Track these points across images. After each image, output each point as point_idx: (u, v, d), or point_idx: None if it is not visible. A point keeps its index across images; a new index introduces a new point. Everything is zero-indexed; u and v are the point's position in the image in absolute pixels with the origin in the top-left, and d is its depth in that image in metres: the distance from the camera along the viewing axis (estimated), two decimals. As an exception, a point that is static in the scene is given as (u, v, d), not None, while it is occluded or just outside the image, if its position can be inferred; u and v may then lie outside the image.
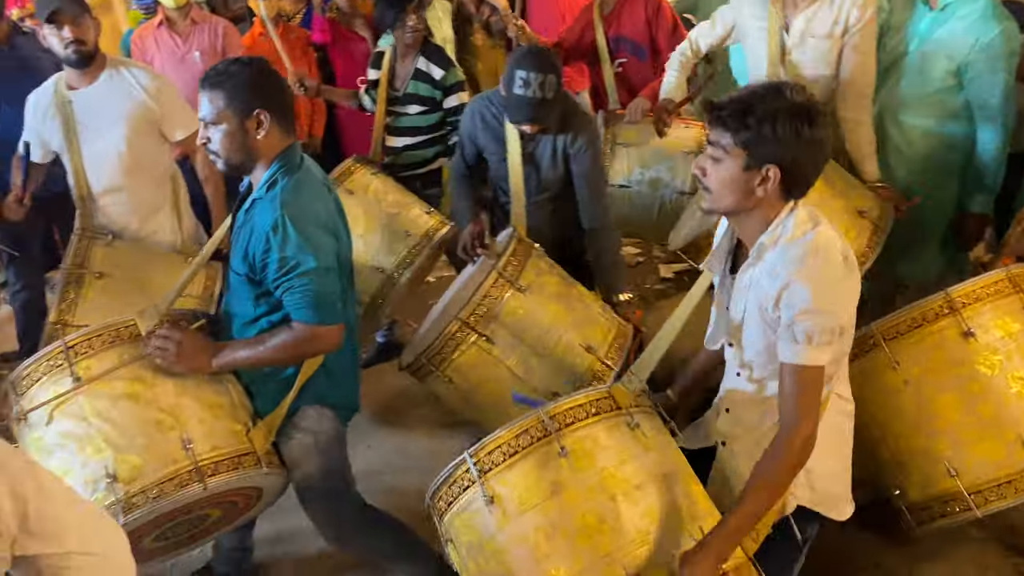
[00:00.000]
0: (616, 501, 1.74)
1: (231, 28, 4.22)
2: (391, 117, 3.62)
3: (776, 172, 1.66)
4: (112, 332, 2.13)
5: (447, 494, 1.87)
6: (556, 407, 1.84)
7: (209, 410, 2.10)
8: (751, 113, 1.64)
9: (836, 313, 1.69)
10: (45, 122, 3.02)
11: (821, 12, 2.84)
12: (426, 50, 3.58)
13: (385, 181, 3.32)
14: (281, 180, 2.07)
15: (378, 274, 3.13)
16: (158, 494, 1.95)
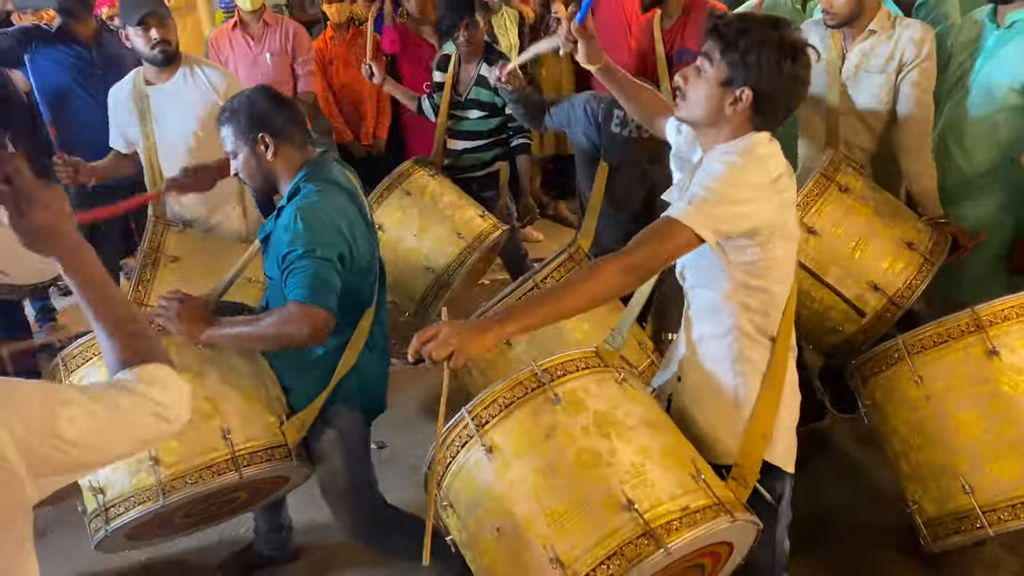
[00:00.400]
0: (610, 439, 1.77)
1: (301, 30, 4.39)
2: (452, 120, 3.71)
3: (749, 95, 1.72)
4: None
5: (445, 456, 1.90)
6: (548, 361, 1.89)
7: (247, 403, 2.20)
8: (744, 35, 1.71)
9: (731, 196, 1.70)
10: (124, 114, 3.19)
11: (877, 47, 2.82)
12: (489, 57, 3.65)
13: (442, 183, 3.40)
14: (303, 187, 2.19)
15: (429, 274, 3.21)
16: (196, 480, 2.06)
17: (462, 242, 3.23)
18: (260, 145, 2.19)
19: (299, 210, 2.12)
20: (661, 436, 1.83)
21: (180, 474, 2.06)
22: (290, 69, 4.34)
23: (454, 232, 3.22)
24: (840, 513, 2.84)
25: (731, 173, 1.71)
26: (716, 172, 1.72)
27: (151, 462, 2.05)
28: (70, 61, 3.80)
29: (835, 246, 2.53)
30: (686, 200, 1.70)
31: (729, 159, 1.73)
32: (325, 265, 2.11)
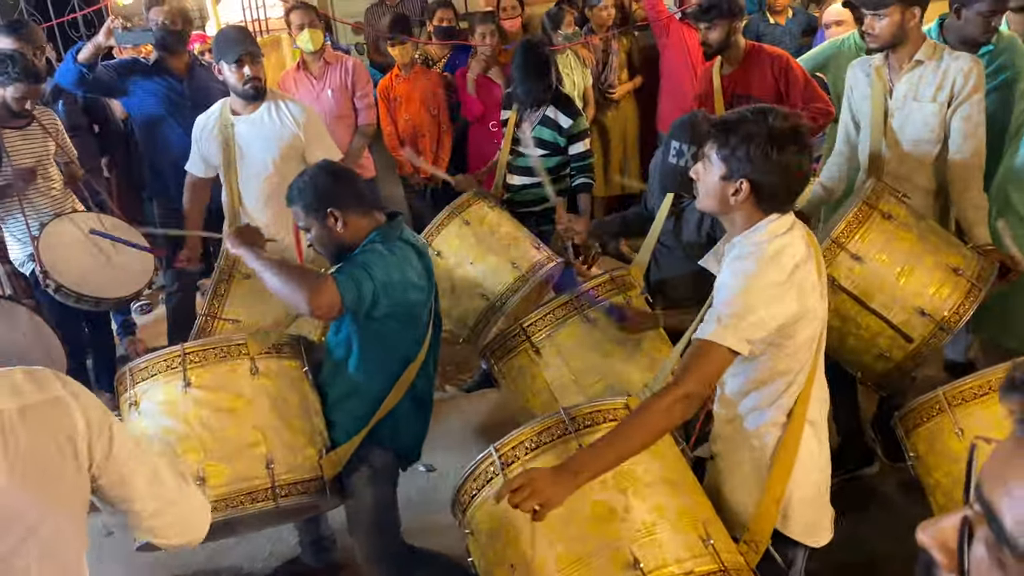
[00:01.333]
0: (626, 494, 1.82)
1: (359, 65, 4.62)
2: (513, 156, 3.83)
3: (747, 186, 1.85)
4: (225, 348, 2.36)
5: (472, 488, 1.99)
6: (578, 409, 1.98)
7: (292, 434, 2.32)
8: (733, 133, 1.85)
9: (753, 306, 1.80)
10: (208, 141, 3.42)
11: (925, 76, 2.87)
12: (556, 98, 3.75)
13: (500, 214, 3.49)
14: (372, 242, 2.35)
15: (483, 300, 3.29)
16: (236, 504, 2.18)
17: (516, 271, 3.29)
18: (330, 219, 2.33)
19: (360, 254, 2.30)
20: (679, 496, 1.87)
21: (222, 496, 2.17)
22: (351, 103, 4.55)
23: (509, 262, 3.30)
24: (889, 564, 2.78)
25: (748, 283, 1.81)
26: (735, 287, 1.83)
27: (199, 481, 2.14)
28: (164, 92, 4.09)
29: (880, 272, 2.53)
30: (715, 320, 1.81)
31: (744, 267, 1.84)
32: (366, 273, 2.24)
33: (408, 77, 4.83)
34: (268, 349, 2.41)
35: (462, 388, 4.15)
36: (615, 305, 2.64)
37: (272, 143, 3.36)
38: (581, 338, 2.64)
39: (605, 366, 2.61)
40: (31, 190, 3.69)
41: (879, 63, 3.03)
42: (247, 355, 2.36)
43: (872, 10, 2.90)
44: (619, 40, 5.12)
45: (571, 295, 2.71)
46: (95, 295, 3.50)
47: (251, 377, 2.32)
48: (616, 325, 2.63)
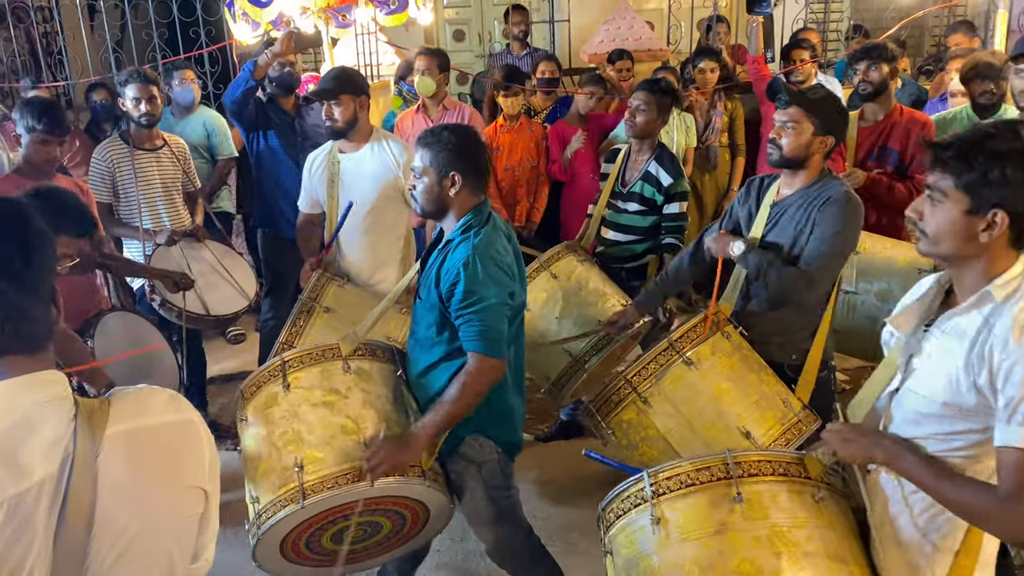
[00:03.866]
0: (780, 558, 1.70)
1: (475, 114, 4.74)
2: (610, 211, 3.83)
3: (1004, 217, 1.53)
4: (319, 352, 2.51)
5: (618, 508, 1.94)
6: (745, 455, 1.85)
7: (387, 424, 2.39)
8: (978, 153, 1.52)
9: None
10: (317, 176, 3.56)
11: None
12: (660, 155, 3.74)
13: (589, 270, 3.49)
14: (475, 227, 2.39)
15: (566, 356, 3.28)
16: (332, 484, 2.23)
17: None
18: (449, 180, 2.39)
19: (476, 249, 2.32)
20: (838, 574, 1.72)
21: (319, 479, 2.24)
22: (461, 151, 4.67)
23: (595, 320, 3.29)
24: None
25: None
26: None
27: (297, 468, 2.25)
28: (280, 128, 4.30)
29: None
30: (1020, 423, 1.50)
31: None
32: (497, 313, 2.31)
33: (513, 128, 4.94)
34: (360, 351, 2.52)
35: (539, 437, 4.14)
36: None
37: (373, 181, 3.47)
38: (687, 383, 2.62)
39: (717, 408, 2.58)
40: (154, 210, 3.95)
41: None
42: (339, 356, 2.48)
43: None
44: (724, 102, 5.12)
45: (669, 340, 2.68)
46: (197, 312, 3.68)
47: (344, 374, 2.45)
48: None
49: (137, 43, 6.27)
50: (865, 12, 8.46)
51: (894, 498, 1.81)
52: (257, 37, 4.87)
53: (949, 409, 1.65)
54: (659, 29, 7.52)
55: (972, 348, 1.59)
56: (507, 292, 2.35)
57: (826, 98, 2.70)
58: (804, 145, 2.67)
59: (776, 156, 2.72)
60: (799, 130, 2.66)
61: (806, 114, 2.65)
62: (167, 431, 1.26)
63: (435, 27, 8.46)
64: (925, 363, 1.71)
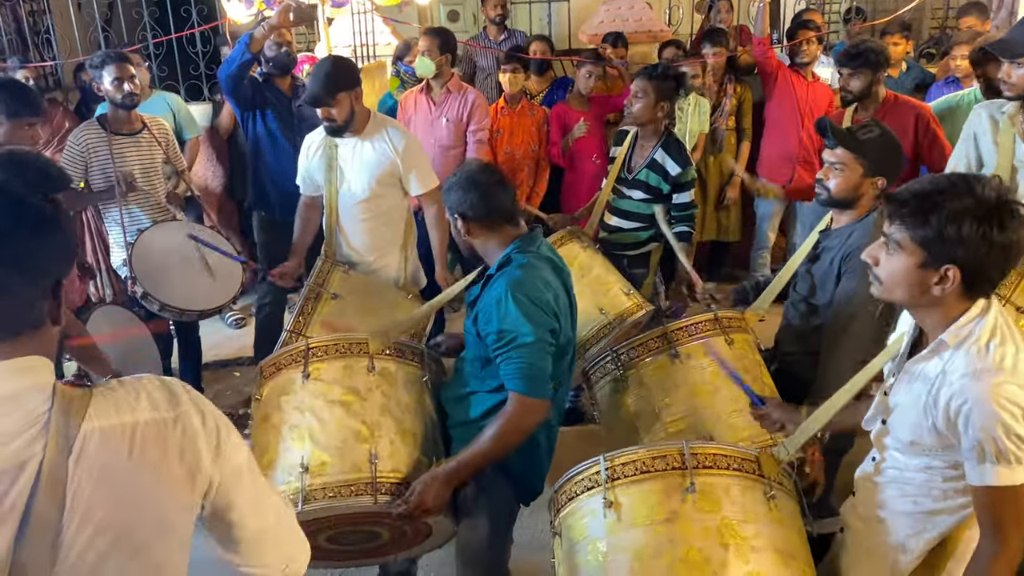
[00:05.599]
0: (727, 550, 1.73)
1: (480, 99, 4.62)
2: (615, 196, 3.76)
3: (956, 273, 1.56)
4: (346, 344, 2.40)
5: (571, 490, 1.94)
6: (702, 447, 1.87)
7: (402, 435, 2.29)
8: (934, 211, 1.54)
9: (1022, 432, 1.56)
10: (314, 159, 3.48)
11: None
12: (667, 143, 3.64)
13: (593, 256, 3.40)
14: (514, 260, 2.28)
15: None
16: (334, 495, 2.15)
17: (604, 318, 3.21)
18: (458, 222, 2.34)
19: (510, 286, 2.20)
20: (784, 569, 1.75)
21: (321, 486, 2.16)
22: (463, 135, 4.57)
23: (597, 307, 3.22)
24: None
25: (1005, 410, 1.53)
26: (994, 419, 1.54)
27: (301, 470, 2.17)
28: (277, 109, 4.19)
29: None
30: (992, 461, 1.56)
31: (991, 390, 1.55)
32: (537, 350, 2.19)
33: (514, 111, 4.84)
34: (390, 351, 2.43)
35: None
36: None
37: (371, 167, 3.40)
38: (667, 374, 2.58)
39: (688, 407, 2.54)
40: (133, 196, 3.82)
41: (1013, 111, 2.93)
42: (366, 353, 2.39)
43: (1010, 59, 2.82)
44: (734, 84, 5.04)
45: (664, 328, 2.64)
46: (179, 306, 3.58)
47: (367, 374, 2.35)
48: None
49: (126, 22, 6.14)
50: (866, -6, 8.36)
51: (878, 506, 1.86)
52: (251, 16, 4.76)
53: (917, 448, 1.72)
54: (658, 10, 7.42)
55: (929, 392, 1.65)
56: (546, 329, 2.21)
57: (877, 139, 2.55)
58: (852, 188, 2.55)
59: (824, 196, 2.62)
60: (847, 172, 2.54)
61: (855, 156, 2.53)
62: (148, 429, 1.18)
63: (430, 7, 8.33)
64: (898, 401, 1.78)
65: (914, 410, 1.70)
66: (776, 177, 4.64)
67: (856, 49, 3.73)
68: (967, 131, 3.10)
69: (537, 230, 2.41)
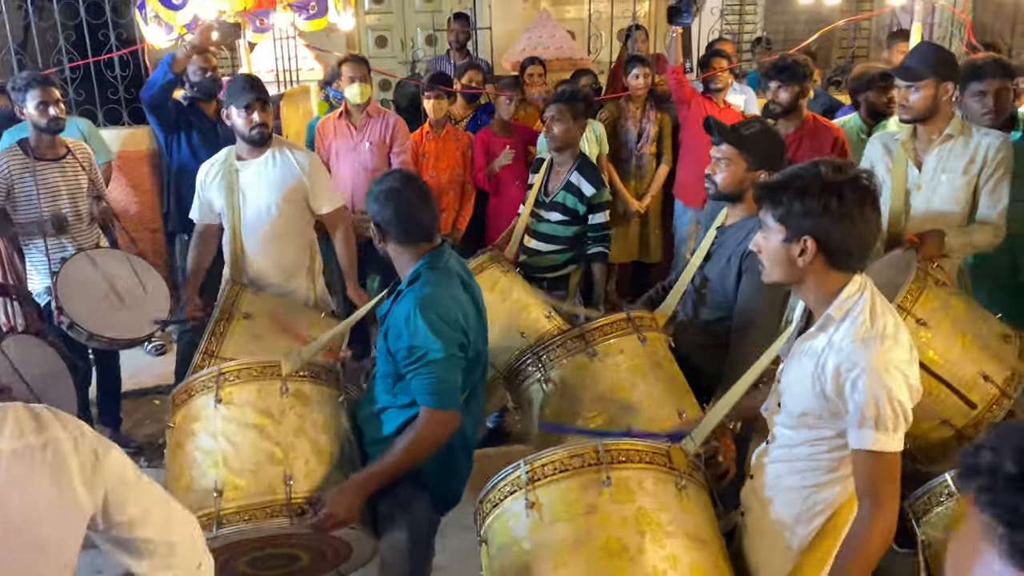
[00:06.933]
0: (643, 537, 1.81)
1: (401, 123, 4.69)
2: (534, 219, 3.85)
3: (812, 244, 1.73)
4: (259, 368, 2.41)
5: (495, 497, 1.99)
6: (615, 443, 1.96)
7: (318, 456, 2.31)
8: (784, 189, 1.75)
9: (899, 397, 1.70)
10: (213, 187, 3.48)
11: (955, 150, 2.97)
12: (581, 165, 3.78)
13: (513, 280, 3.46)
14: (423, 276, 2.33)
15: (489, 368, 3.26)
16: (249, 517, 2.16)
17: (524, 341, 3.22)
18: (377, 234, 2.38)
19: (419, 303, 2.24)
20: (697, 553, 1.83)
21: (235, 509, 2.16)
22: (387, 158, 4.63)
23: (519, 330, 3.26)
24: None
25: (882, 373, 1.67)
26: (872, 382, 1.67)
27: (215, 494, 2.17)
28: (201, 133, 4.17)
29: (945, 337, 2.51)
30: (871, 427, 1.68)
31: (874, 357, 1.68)
32: (447, 365, 2.23)
33: (439, 135, 4.92)
34: (303, 373, 2.44)
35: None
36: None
37: (277, 186, 3.43)
38: (587, 373, 2.66)
39: (607, 401, 2.62)
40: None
41: (905, 138, 3.11)
42: (279, 376, 2.40)
43: (908, 82, 2.99)
44: (655, 113, 5.20)
45: (583, 329, 2.73)
46: (107, 335, 3.52)
47: (280, 396, 2.36)
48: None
49: (42, 46, 6.00)
50: (777, 23, 8.75)
51: (771, 486, 1.96)
52: (171, 40, 4.72)
53: (807, 419, 1.84)
54: (580, 38, 7.61)
55: (817, 364, 1.78)
56: (455, 345, 2.26)
57: (758, 133, 2.72)
58: (738, 181, 2.71)
59: (712, 191, 2.77)
60: (732, 167, 2.70)
61: (738, 151, 2.69)
62: (14, 456, 1.19)
63: (357, 33, 8.37)
64: (787, 379, 1.92)
65: (803, 383, 1.82)
66: (692, 199, 4.82)
67: (784, 62, 3.92)
68: (865, 162, 3.26)
69: (446, 245, 2.45)
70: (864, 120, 4.15)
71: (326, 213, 3.57)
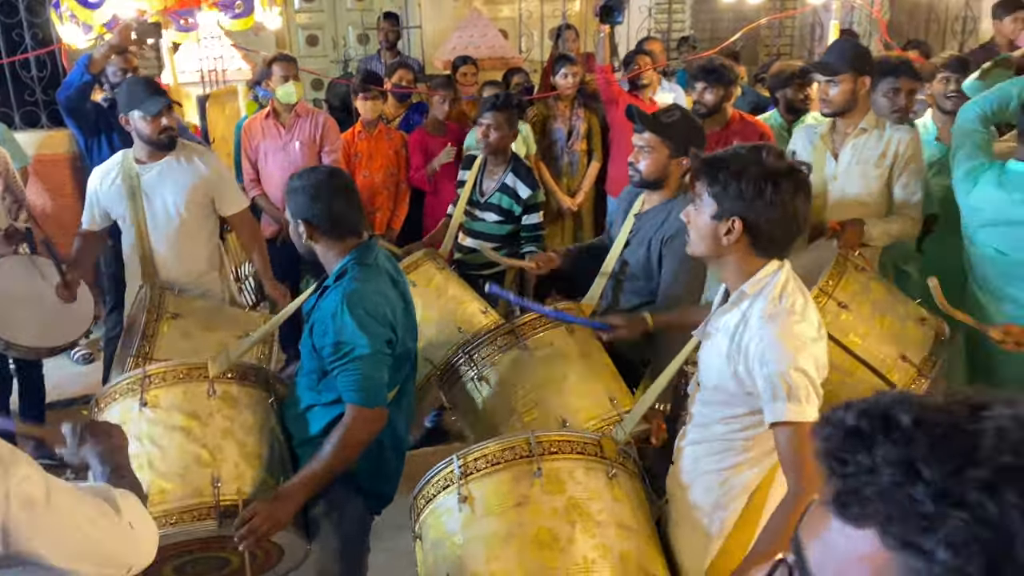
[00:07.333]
0: (574, 527, 1.83)
1: (331, 122, 4.65)
2: (468, 219, 3.86)
3: (739, 224, 1.77)
4: (185, 370, 2.37)
5: (428, 493, 2.00)
6: (546, 435, 1.98)
7: (246, 458, 2.28)
8: (724, 168, 1.78)
9: (806, 368, 1.73)
10: (111, 193, 3.39)
11: (869, 143, 3.11)
12: (516, 167, 3.80)
13: (448, 277, 3.48)
14: (350, 272, 2.30)
15: (427, 364, 3.25)
16: (176, 520, 2.12)
17: (461, 336, 3.25)
18: (300, 227, 2.33)
19: (346, 298, 2.21)
20: (628, 542, 1.86)
21: (162, 513, 2.11)
22: (317, 158, 4.58)
23: (455, 326, 3.28)
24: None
25: (793, 346, 1.71)
26: (783, 354, 1.71)
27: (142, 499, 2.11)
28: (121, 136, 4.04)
29: (865, 320, 2.59)
30: (784, 398, 1.71)
31: (779, 331, 1.72)
32: (374, 362, 2.21)
33: (371, 135, 4.88)
34: (231, 374, 2.40)
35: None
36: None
37: (182, 188, 3.37)
38: (520, 368, 2.68)
39: (541, 396, 2.64)
40: None
41: (824, 131, 3.24)
42: (206, 378, 2.36)
43: (827, 77, 3.11)
44: (584, 111, 5.25)
45: (513, 325, 2.76)
46: (26, 344, 3.41)
47: (207, 398, 2.32)
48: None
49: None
50: (704, 22, 8.93)
51: (689, 470, 2.00)
52: (90, 40, 4.59)
53: (720, 394, 1.88)
54: (512, 37, 7.65)
55: (732, 340, 1.83)
56: (382, 341, 2.24)
57: (679, 121, 2.79)
58: (661, 167, 2.79)
59: (637, 178, 2.84)
60: (655, 154, 2.77)
61: (660, 139, 2.76)
62: None
63: (287, 32, 8.25)
64: (704, 356, 1.97)
65: (719, 359, 1.86)
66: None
67: (711, 65, 4.03)
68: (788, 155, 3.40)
69: (374, 240, 2.44)
70: (783, 116, 4.27)
71: (232, 214, 3.55)
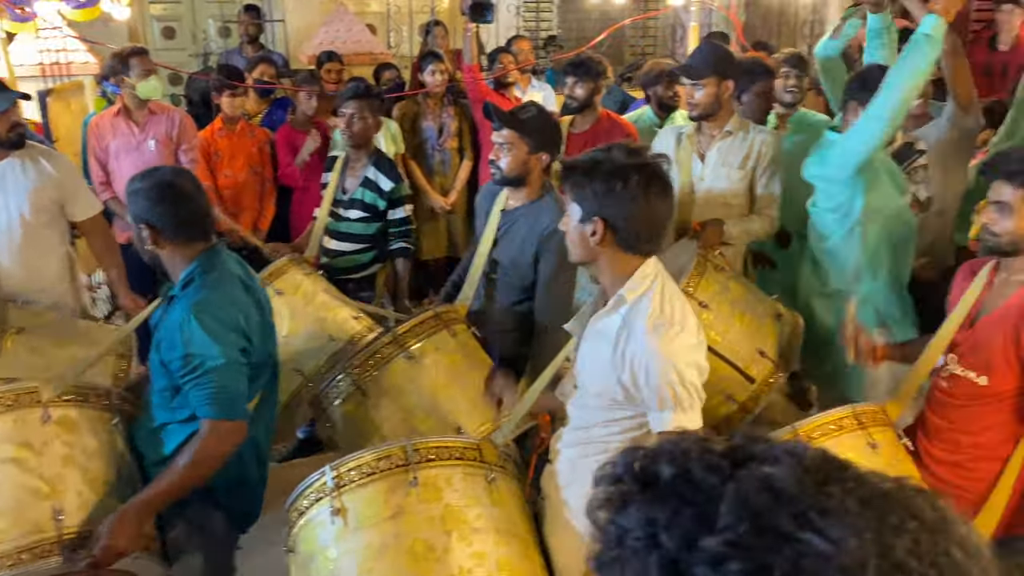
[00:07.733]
0: (450, 536, 1.81)
1: (187, 119, 4.43)
2: (333, 219, 3.75)
3: (600, 223, 1.78)
4: (13, 396, 2.16)
5: (301, 505, 1.94)
6: (423, 442, 1.94)
7: (91, 485, 2.12)
8: (577, 171, 1.81)
9: (690, 378, 1.77)
10: None
11: (734, 145, 3.23)
12: (377, 161, 3.72)
13: (316, 282, 3.36)
14: (197, 279, 2.18)
15: (297, 376, 3.13)
16: (14, 562, 1.96)
17: (335, 344, 3.16)
18: (142, 232, 2.19)
19: (193, 308, 2.10)
20: (506, 547, 1.85)
21: (1, 554, 1.95)
22: (174, 156, 4.34)
23: (327, 334, 3.18)
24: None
25: (675, 356, 1.74)
26: (664, 364, 1.73)
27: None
28: None
29: (724, 318, 2.68)
30: (671, 408, 1.74)
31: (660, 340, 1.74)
32: (227, 372, 2.10)
33: (233, 132, 4.66)
34: (67, 397, 2.21)
35: (276, 459, 3.96)
36: None
37: (26, 192, 3.15)
38: (407, 377, 2.64)
39: (432, 403, 2.61)
40: None
41: (691, 131, 3.33)
42: (39, 403, 2.16)
43: (691, 81, 3.21)
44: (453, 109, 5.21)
45: (393, 333, 2.71)
46: None
47: (41, 425, 2.13)
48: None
49: None
50: (571, 21, 9.08)
51: (566, 472, 2.02)
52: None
53: (602, 400, 1.89)
54: (381, 32, 7.52)
55: (616, 347, 1.82)
56: (236, 349, 2.14)
57: (535, 117, 2.83)
58: (521, 164, 2.80)
59: (498, 175, 2.84)
60: (515, 151, 2.78)
61: (519, 135, 2.76)
62: None
63: (140, 24, 7.80)
64: (582, 359, 1.96)
65: (600, 365, 1.86)
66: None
67: (579, 59, 4.13)
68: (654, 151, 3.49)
69: (221, 245, 2.32)
70: (656, 113, 4.39)
71: (83, 220, 3.34)
